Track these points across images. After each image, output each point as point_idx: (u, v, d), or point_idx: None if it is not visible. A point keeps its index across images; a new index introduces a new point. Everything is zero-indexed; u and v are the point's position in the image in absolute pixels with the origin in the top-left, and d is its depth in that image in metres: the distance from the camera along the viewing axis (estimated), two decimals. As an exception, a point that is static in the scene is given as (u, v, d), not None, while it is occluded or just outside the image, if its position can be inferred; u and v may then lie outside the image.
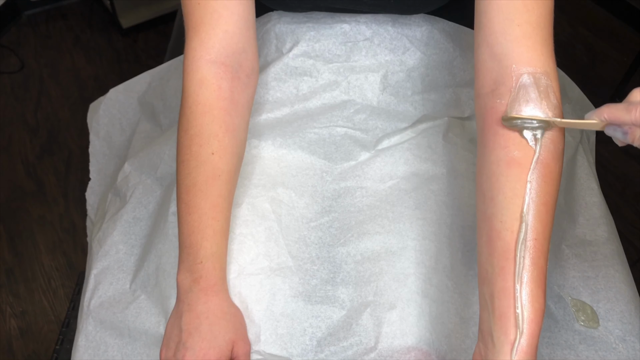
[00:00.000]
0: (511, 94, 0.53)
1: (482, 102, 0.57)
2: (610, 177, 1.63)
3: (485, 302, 0.51)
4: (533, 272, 0.48)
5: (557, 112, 0.53)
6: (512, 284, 0.48)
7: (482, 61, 0.57)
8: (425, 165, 0.73)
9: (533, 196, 0.50)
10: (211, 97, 0.61)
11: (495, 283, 0.49)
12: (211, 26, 0.61)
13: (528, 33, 0.54)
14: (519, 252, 0.49)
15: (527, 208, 0.50)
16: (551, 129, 0.52)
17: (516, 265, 0.48)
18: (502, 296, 0.48)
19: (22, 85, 1.92)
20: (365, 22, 0.73)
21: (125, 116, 0.94)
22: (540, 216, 0.50)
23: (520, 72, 0.54)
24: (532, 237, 0.49)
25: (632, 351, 0.61)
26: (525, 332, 0.47)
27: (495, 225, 0.51)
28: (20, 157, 1.72)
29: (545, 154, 0.51)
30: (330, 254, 0.67)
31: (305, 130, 0.75)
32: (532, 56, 0.54)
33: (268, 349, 0.60)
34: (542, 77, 0.53)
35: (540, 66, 0.54)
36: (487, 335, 0.50)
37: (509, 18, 0.54)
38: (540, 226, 0.49)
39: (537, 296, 0.48)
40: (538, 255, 0.49)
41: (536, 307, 0.47)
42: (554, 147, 0.52)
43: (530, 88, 0.53)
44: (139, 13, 2.07)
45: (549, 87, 0.53)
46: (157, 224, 0.72)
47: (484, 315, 0.51)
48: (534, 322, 0.47)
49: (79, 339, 0.68)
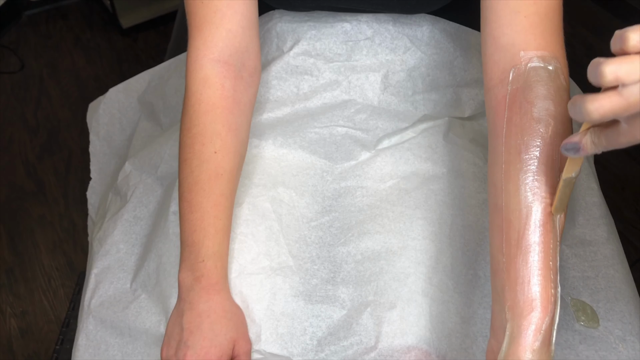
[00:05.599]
0: (522, 79, 0.52)
1: (492, 94, 0.56)
2: (610, 177, 1.63)
3: (497, 294, 0.50)
4: (545, 258, 0.47)
5: (565, 94, 0.52)
6: (526, 270, 0.47)
7: (489, 55, 0.56)
8: (425, 165, 0.73)
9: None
10: (214, 96, 0.61)
11: (508, 273, 0.49)
12: (214, 25, 0.61)
13: (535, 23, 0.54)
14: (531, 240, 0.48)
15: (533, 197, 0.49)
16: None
17: (530, 253, 0.48)
18: (515, 285, 0.48)
19: (22, 85, 1.92)
20: (367, 22, 0.73)
21: (125, 115, 0.94)
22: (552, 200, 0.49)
23: (529, 57, 0.53)
24: (543, 223, 0.48)
25: (632, 351, 0.61)
26: (538, 319, 0.46)
27: (507, 215, 0.50)
28: (20, 157, 1.72)
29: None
30: (331, 254, 0.67)
31: (305, 130, 0.75)
32: (540, 43, 0.53)
33: (268, 348, 0.60)
34: (552, 59, 0.53)
35: (550, 50, 0.53)
36: (498, 329, 0.49)
37: (515, 10, 0.54)
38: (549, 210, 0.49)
39: (550, 283, 0.47)
40: (548, 240, 0.48)
41: (548, 295, 0.47)
42: (564, 129, 0.51)
43: (540, 70, 0.52)
44: (139, 13, 2.07)
45: (558, 70, 0.53)
46: (158, 223, 0.72)
47: (496, 309, 0.50)
48: (546, 309, 0.46)
49: (80, 339, 0.68)
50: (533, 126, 0.50)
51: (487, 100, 0.57)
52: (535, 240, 0.48)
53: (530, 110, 0.51)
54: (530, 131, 0.50)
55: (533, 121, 0.50)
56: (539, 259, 0.48)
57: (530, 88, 0.52)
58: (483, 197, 0.71)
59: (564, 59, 0.54)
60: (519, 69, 0.53)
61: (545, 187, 0.49)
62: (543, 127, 0.50)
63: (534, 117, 0.51)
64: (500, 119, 0.54)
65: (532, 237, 0.48)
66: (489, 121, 0.57)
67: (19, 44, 2.05)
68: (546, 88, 0.52)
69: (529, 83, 0.52)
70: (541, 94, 0.51)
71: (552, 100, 0.51)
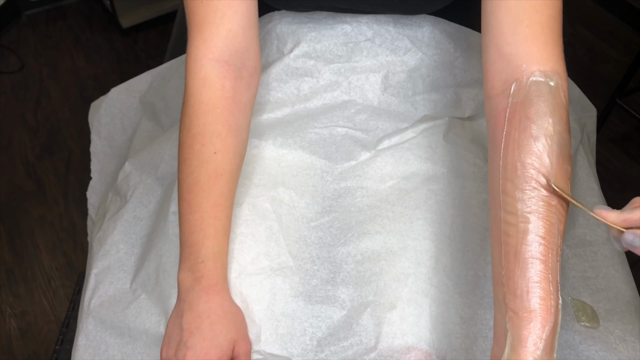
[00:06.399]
0: (523, 92, 0.53)
1: (492, 103, 0.57)
2: (610, 177, 1.63)
3: (499, 303, 0.51)
4: (544, 270, 0.48)
5: (564, 112, 0.53)
6: (524, 282, 0.48)
7: (490, 62, 0.57)
8: (425, 165, 0.73)
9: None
10: (214, 96, 0.61)
11: (507, 285, 0.49)
12: (215, 25, 0.61)
13: (537, 33, 0.54)
14: (528, 254, 0.49)
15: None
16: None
17: (528, 267, 0.48)
18: (514, 297, 0.48)
19: (22, 85, 1.92)
20: (367, 23, 0.73)
21: (126, 115, 0.94)
22: (548, 215, 0.50)
23: (531, 71, 0.53)
24: (540, 236, 0.49)
25: (632, 351, 0.61)
26: (538, 329, 0.46)
27: (505, 229, 0.51)
28: (20, 157, 1.72)
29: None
30: (331, 254, 0.67)
31: (306, 130, 0.75)
32: (542, 56, 0.54)
33: (268, 349, 0.60)
34: (554, 75, 0.53)
35: (551, 65, 0.54)
36: (501, 337, 0.49)
37: (517, 19, 0.54)
38: (548, 224, 0.49)
39: (549, 295, 0.48)
40: (547, 252, 0.49)
41: (548, 306, 0.47)
42: (560, 149, 0.52)
43: (542, 85, 0.53)
44: (139, 13, 2.07)
45: (559, 87, 0.53)
46: (158, 224, 0.72)
47: (498, 317, 0.51)
48: (545, 320, 0.47)
49: (79, 339, 0.68)
50: (531, 144, 0.51)
51: (487, 109, 0.58)
52: (533, 255, 0.49)
53: (529, 127, 0.52)
54: (527, 149, 0.51)
55: (531, 139, 0.51)
56: (537, 272, 0.48)
57: (531, 103, 0.53)
58: (483, 197, 0.71)
59: (564, 73, 0.55)
60: (520, 83, 0.54)
61: (541, 202, 0.50)
62: (541, 146, 0.51)
63: (532, 134, 0.52)
64: (500, 131, 0.54)
65: (530, 251, 0.49)
66: (489, 129, 0.58)
67: (19, 44, 2.05)
68: (546, 105, 0.52)
69: (530, 97, 0.53)
70: (541, 110, 0.52)
71: (551, 118, 0.52)
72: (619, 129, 1.75)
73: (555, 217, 0.50)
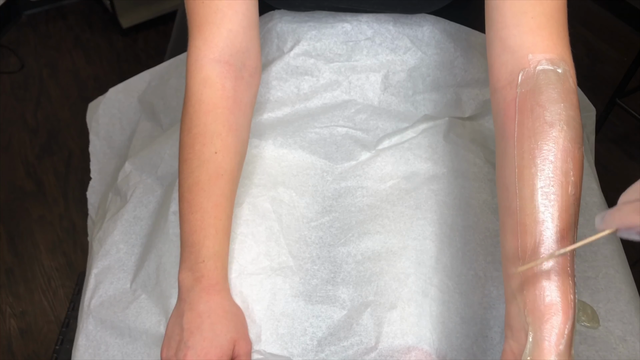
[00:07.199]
0: (531, 81, 0.53)
1: (499, 95, 0.56)
2: (610, 177, 1.63)
3: (513, 297, 0.50)
4: (563, 265, 0.47)
5: (574, 97, 0.52)
6: (544, 278, 0.47)
7: (495, 56, 0.56)
8: (425, 165, 0.73)
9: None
10: (215, 96, 0.61)
11: (526, 277, 0.48)
12: (215, 25, 0.61)
13: (542, 24, 0.54)
14: (549, 246, 0.48)
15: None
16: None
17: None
18: (533, 290, 0.47)
19: (22, 85, 1.92)
20: (367, 22, 0.73)
21: (125, 115, 0.94)
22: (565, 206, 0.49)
23: (538, 59, 0.53)
24: (559, 230, 0.48)
25: (632, 351, 0.61)
26: (560, 323, 0.46)
27: (522, 219, 0.50)
28: (20, 157, 1.72)
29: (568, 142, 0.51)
30: (331, 254, 0.67)
31: (306, 130, 0.75)
32: (548, 45, 0.54)
33: (269, 349, 0.60)
34: (560, 62, 0.53)
35: (557, 53, 0.53)
36: (518, 331, 0.48)
37: (522, 11, 0.54)
38: (566, 216, 0.49)
39: (569, 288, 0.47)
40: (565, 245, 0.48)
41: (568, 300, 0.46)
42: (575, 134, 0.51)
43: (550, 73, 0.52)
44: (139, 13, 2.07)
45: (567, 73, 0.53)
46: (158, 224, 0.72)
47: (514, 311, 0.49)
48: (567, 314, 0.46)
49: (79, 339, 0.68)
50: (546, 130, 0.51)
51: (495, 102, 0.57)
52: (554, 247, 0.48)
53: (542, 114, 0.51)
54: (544, 135, 0.50)
55: (546, 125, 0.51)
56: (558, 264, 0.47)
57: (541, 91, 0.52)
58: (483, 197, 0.71)
59: (571, 61, 0.55)
60: (527, 72, 0.53)
61: (560, 190, 0.49)
62: (556, 131, 0.50)
63: (546, 120, 0.51)
64: (511, 121, 0.53)
65: (550, 242, 0.48)
66: (497, 123, 0.57)
67: (19, 44, 2.05)
68: (557, 91, 0.52)
69: (539, 86, 0.52)
70: (552, 97, 0.52)
71: (564, 104, 0.51)
72: (618, 129, 1.75)
73: (573, 208, 0.50)
